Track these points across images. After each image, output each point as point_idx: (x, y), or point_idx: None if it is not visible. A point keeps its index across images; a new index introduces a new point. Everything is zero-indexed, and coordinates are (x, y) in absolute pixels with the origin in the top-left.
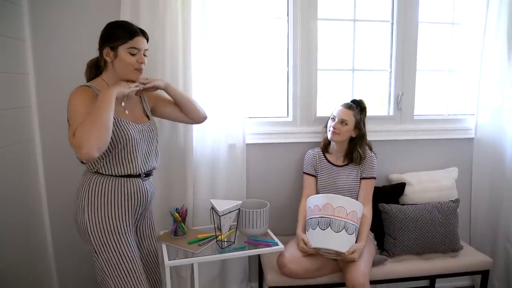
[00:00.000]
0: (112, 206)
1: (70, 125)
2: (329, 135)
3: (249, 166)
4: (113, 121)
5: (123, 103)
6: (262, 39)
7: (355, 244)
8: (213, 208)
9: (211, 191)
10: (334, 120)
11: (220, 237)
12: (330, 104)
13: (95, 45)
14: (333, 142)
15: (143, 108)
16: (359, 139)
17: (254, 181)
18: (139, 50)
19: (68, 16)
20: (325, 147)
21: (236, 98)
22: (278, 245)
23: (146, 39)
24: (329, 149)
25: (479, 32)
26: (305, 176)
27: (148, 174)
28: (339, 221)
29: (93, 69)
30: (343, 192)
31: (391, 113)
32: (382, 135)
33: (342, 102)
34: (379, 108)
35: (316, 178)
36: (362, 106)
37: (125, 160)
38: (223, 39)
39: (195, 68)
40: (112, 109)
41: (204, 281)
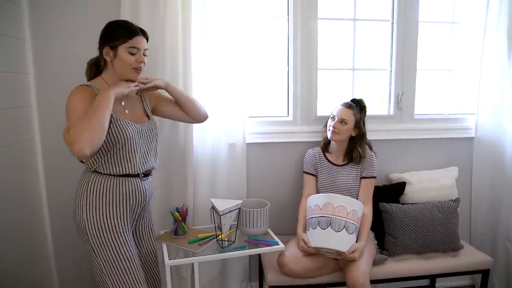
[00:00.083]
0: (110, 206)
1: (65, 135)
2: (329, 135)
3: (249, 165)
4: (112, 120)
5: (123, 103)
6: (262, 38)
7: (355, 244)
8: (213, 208)
9: (212, 190)
10: (333, 119)
11: (220, 236)
12: (330, 104)
13: (95, 45)
14: (333, 142)
15: (144, 108)
16: (359, 138)
17: (254, 181)
18: (139, 49)
19: (68, 16)
20: (325, 146)
21: (237, 98)
22: (278, 244)
23: (146, 39)
24: (329, 149)
25: (479, 31)
26: (305, 176)
27: (146, 174)
28: (339, 221)
29: (93, 69)
30: (343, 191)
31: (391, 113)
32: (382, 135)
33: (342, 101)
34: (379, 107)
35: (316, 177)
36: (361, 106)
37: (124, 159)
38: (223, 39)
39: (195, 68)
40: (109, 110)
41: (205, 280)
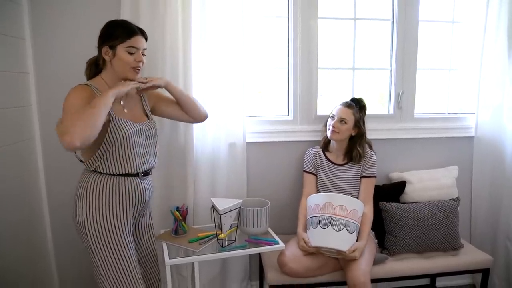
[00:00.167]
0: (110, 205)
1: (58, 129)
2: (329, 134)
3: (250, 164)
4: (110, 119)
5: (122, 102)
6: (263, 37)
7: (356, 243)
8: (213, 207)
9: (212, 189)
10: (333, 119)
11: (220, 235)
12: (330, 103)
13: (95, 44)
14: (333, 141)
15: (143, 107)
16: (358, 137)
17: (255, 180)
18: (138, 49)
19: (68, 15)
20: (325, 145)
21: (237, 97)
22: (278, 243)
23: (145, 39)
24: (329, 148)
25: (479, 30)
26: (306, 175)
27: (146, 174)
28: (339, 220)
29: (93, 68)
30: (344, 190)
31: (392, 112)
32: (383, 134)
33: (342, 100)
34: (379, 106)
35: (316, 176)
36: (361, 105)
37: (123, 158)
38: (223, 38)
39: (195, 67)
40: (105, 109)
41: (205, 280)
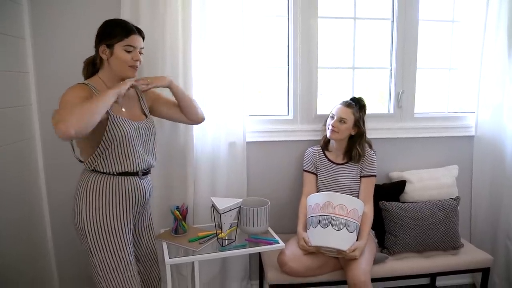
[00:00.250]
0: (110, 206)
1: (53, 120)
2: (328, 133)
3: (250, 164)
4: (109, 118)
5: (120, 99)
6: (263, 37)
7: (356, 242)
8: (213, 206)
9: (212, 189)
10: (333, 118)
11: (220, 235)
12: (330, 102)
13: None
14: (332, 140)
15: (141, 106)
16: (358, 137)
17: (255, 179)
18: (135, 48)
19: (68, 15)
20: (325, 145)
21: (237, 96)
22: (278, 243)
23: (142, 38)
24: (329, 147)
25: (479, 30)
26: (305, 174)
27: (145, 173)
28: (340, 219)
29: (90, 67)
30: (344, 190)
31: (392, 111)
32: (383, 133)
33: (342, 100)
34: (379, 106)
35: (316, 176)
36: (361, 104)
37: (122, 156)
38: (224, 37)
39: (195, 66)
40: (104, 105)
41: (205, 279)
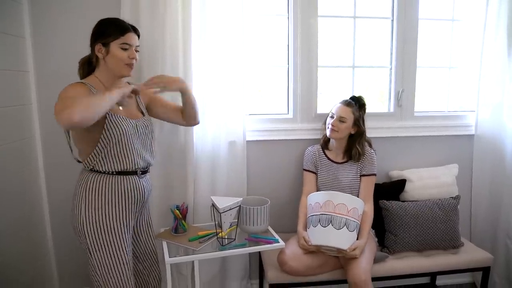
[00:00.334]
0: (109, 205)
1: (55, 111)
2: (328, 133)
3: (250, 163)
4: (107, 116)
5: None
6: (263, 36)
7: (356, 241)
8: (213, 205)
9: (212, 188)
10: (332, 117)
11: (220, 234)
12: (330, 101)
13: None
14: (332, 139)
15: (137, 104)
16: (358, 136)
17: (255, 178)
18: (131, 46)
19: (68, 14)
20: (325, 144)
21: (237, 95)
22: (278, 242)
23: (137, 36)
24: (329, 146)
25: (479, 28)
26: (305, 173)
27: (144, 171)
28: (340, 218)
29: (86, 67)
30: (344, 189)
31: (392, 110)
32: (383, 132)
33: (342, 99)
34: (379, 105)
35: (316, 175)
36: (361, 103)
37: (121, 154)
38: (224, 36)
39: (195, 66)
40: (109, 102)
41: (205, 278)
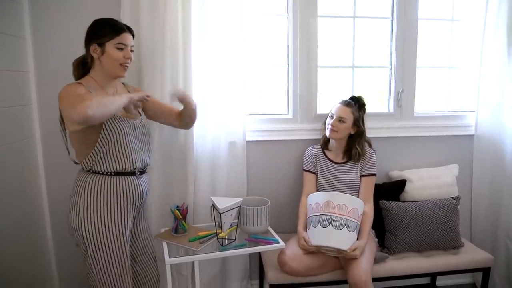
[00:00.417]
0: (107, 206)
1: (65, 107)
2: (327, 133)
3: (250, 163)
4: None
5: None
6: (262, 36)
7: (356, 242)
8: (213, 206)
9: (212, 188)
10: (332, 117)
11: (220, 234)
12: (330, 101)
13: None
14: (332, 140)
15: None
16: (357, 136)
17: (255, 179)
18: (126, 46)
19: (68, 14)
20: (325, 144)
21: (237, 96)
22: (278, 242)
23: (132, 36)
24: (329, 146)
25: (479, 28)
26: (305, 173)
27: (142, 172)
28: (340, 219)
29: (80, 68)
30: (344, 189)
31: (391, 110)
32: (382, 132)
33: (342, 99)
34: (379, 105)
35: (316, 175)
36: (361, 103)
37: (119, 154)
38: (223, 36)
39: (195, 66)
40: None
41: (205, 279)
